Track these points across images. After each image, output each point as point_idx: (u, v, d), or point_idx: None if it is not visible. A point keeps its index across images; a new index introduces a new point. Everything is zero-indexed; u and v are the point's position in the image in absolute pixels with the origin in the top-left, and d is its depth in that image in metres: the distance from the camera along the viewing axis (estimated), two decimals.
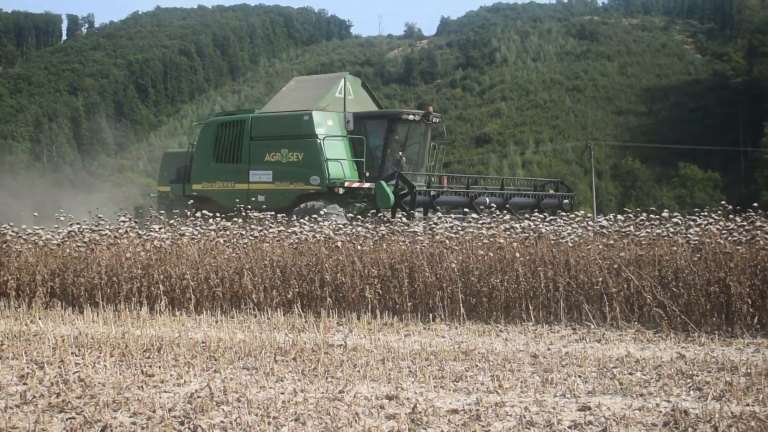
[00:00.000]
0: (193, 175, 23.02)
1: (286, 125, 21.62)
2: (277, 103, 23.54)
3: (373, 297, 11.26)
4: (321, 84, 23.78)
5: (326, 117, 21.32)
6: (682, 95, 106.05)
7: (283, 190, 21.04)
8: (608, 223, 11.67)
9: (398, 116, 21.87)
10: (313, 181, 20.54)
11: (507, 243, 11.28)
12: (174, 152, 27.56)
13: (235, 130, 22.39)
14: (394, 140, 21.70)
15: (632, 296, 10.43)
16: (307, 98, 22.33)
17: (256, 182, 21.59)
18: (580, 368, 7.59)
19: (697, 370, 7.45)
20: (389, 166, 21.19)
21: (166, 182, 24.24)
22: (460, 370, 7.53)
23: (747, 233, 10.66)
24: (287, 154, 21.13)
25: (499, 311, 10.83)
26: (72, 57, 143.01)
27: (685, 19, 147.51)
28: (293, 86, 24.58)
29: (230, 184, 22.08)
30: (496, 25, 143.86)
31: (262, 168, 21.54)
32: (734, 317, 9.83)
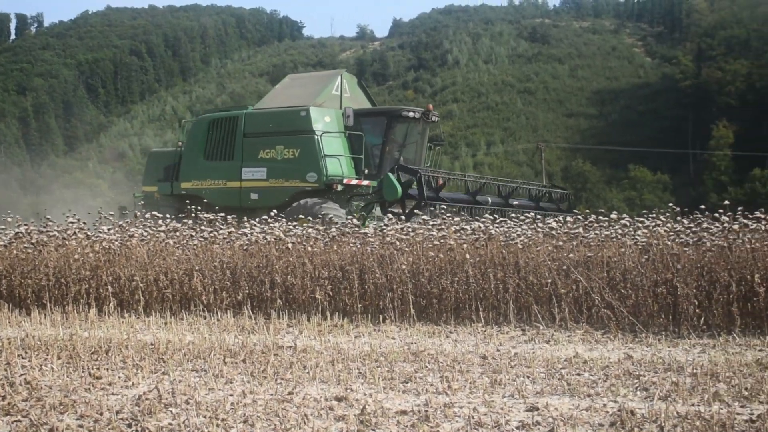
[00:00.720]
0: (182, 174, 22.55)
1: (281, 121, 21.22)
2: (271, 100, 23.09)
3: (324, 298, 11.25)
4: (317, 81, 23.41)
5: (323, 113, 20.99)
6: (631, 98, 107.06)
7: (278, 187, 20.64)
8: (557, 225, 11.73)
9: (398, 113, 21.52)
10: (310, 178, 20.15)
11: (457, 244, 11.32)
12: (160, 151, 26.97)
13: (227, 127, 21.96)
14: (393, 138, 21.47)
15: (581, 297, 10.50)
16: (302, 95, 21.95)
17: (249, 180, 21.16)
18: (528, 369, 7.63)
19: (644, 371, 7.51)
20: (387, 164, 20.90)
21: (152, 182, 23.61)
22: (409, 371, 7.54)
23: (694, 235, 10.77)
24: (283, 150, 20.76)
25: (449, 312, 10.86)
26: (21, 57, 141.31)
27: (635, 23, 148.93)
28: (288, 83, 24.19)
29: (221, 182, 21.64)
30: (448, 27, 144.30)
31: (256, 165, 21.11)
32: (681, 318, 9.92)
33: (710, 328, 9.86)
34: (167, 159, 23.53)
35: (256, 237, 12.32)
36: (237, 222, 13.62)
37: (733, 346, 9.04)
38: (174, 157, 23.13)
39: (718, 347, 8.93)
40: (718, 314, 9.90)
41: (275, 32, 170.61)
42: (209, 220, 13.70)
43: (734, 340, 9.37)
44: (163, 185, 22.98)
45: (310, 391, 6.73)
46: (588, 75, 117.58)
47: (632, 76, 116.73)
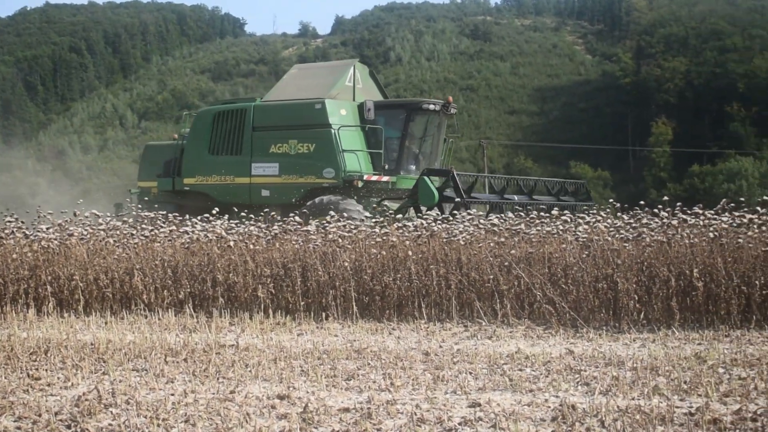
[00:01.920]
0: (185, 169, 21.30)
1: (295, 114, 20.20)
2: (280, 92, 21.77)
3: (266, 296, 11.21)
4: (329, 72, 22.47)
5: (339, 106, 20.00)
6: (572, 95, 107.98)
7: (292, 184, 19.59)
8: (499, 221, 11.78)
9: (418, 106, 20.61)
10: (327, 174, 19.21)
11: (400, 241, 11.34)
12: (157, 145, 25.20)
13: (234, 120, 20.79)
14: (412, 131, 20.60)
15: (523, 293, 10.56)
16: (314, 86, 20.89)
17: (260, 176, 20.09)
18: (471, 365, 7.65)
19: (585, 366, 7.57)
20: (406, 159, 20.33)
21: (149, 177, 22.50)
22: (352, 368, 7.53)
23: (634, 231, 10.89)
24: (296, 145, 19.68)
25: (391, 309, 10.87)
26: None
27: (575, 21, 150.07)
28: (296, 74, 23.04)
29: (229, 177, 20.44)
30: (391, 24, 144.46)
31: (267, 160, 20.03)
32: (621, 313, 10.02)
33: (650, 322, 9.96)
34: (166, 153, 22.36)
35: (198, 235, 12.23)
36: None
37: (673, 340, 9.14)
38: (175, 151, 21.97)
39: (658, 341, 9.02)
40: (658, 309, 10.01)
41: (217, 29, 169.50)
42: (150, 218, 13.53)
43: (674, 334, 9.47)
44: (164, 181, 21.77)
45: (252, 389, 6.70)
46: (529, 72, 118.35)
47: (573, 74, 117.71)
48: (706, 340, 9.05)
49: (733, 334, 9.34)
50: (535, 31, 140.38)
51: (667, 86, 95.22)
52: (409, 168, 20.40)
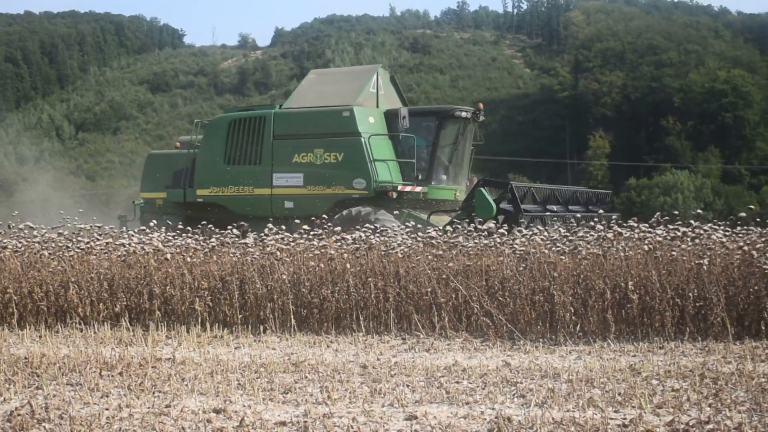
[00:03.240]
0: (198, 179, 20.25)
1: (320, 122, 19.24)
2: (300, 99, 20.62)
3: (203, 309, 11.13)
4: (351, 78, 21.50)
5: (367, 113, 19.24)
6: (511, 108, 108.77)
7: (318, 195, 18.77)
8: (437, 234, 11.82)
9: (450, 113, 19.78)
10: (357, 184, 18.45)
11: (338, 254, 11.33)
12: (161, 154, 23.90)
13: (252, 128, 19.80)
14: (444, 140, 19.85)
15: (460, 306, 10.59)
16: (339, 93, 20.00)
17: (282, 186, 19.19)
18: (408, 378, 7.67)
19: (522, 378, 7.62)
20: (438, 168, 19.63)
21: (153, 188, 21.40)
22: (289, 381, 7.51)
23: (570, 243, 10.98)
24: (322, 154, 18.82)
25: (329, 322, 10.85)
26: None
27: (514, 35, 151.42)
28: (315, 80, 21.82)
29: (248, 189, 19.50)
30: (331, 36, 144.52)
31: (290, 170, 19.12)
32: (558, 325, 10.09)
33: (586, 334, 10.05)
34: (174, 162, 21.20)
35: (134, 248, 12.11)
36: None
37: (608, 352, 9.22)
38: (185, 161, 20.79)
39: (594, 353, 9.10)
40: (594, 321, 10.10)
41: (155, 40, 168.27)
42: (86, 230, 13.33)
43: (609, 346, 9.56)
44: (174, 192, 20.71)
45: (188, 403, 6.66)
46: (469, 85, 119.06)
47: (512, 87, 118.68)
48: (640, 352, 9.14)
49: (667, 346, 9.45)
50: (474, 45, 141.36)
51: (605, 100, 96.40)
52: (440, 178, 19.85)
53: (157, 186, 21.26)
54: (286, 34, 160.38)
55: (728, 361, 8.45)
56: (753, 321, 10.00)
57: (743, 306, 10.08)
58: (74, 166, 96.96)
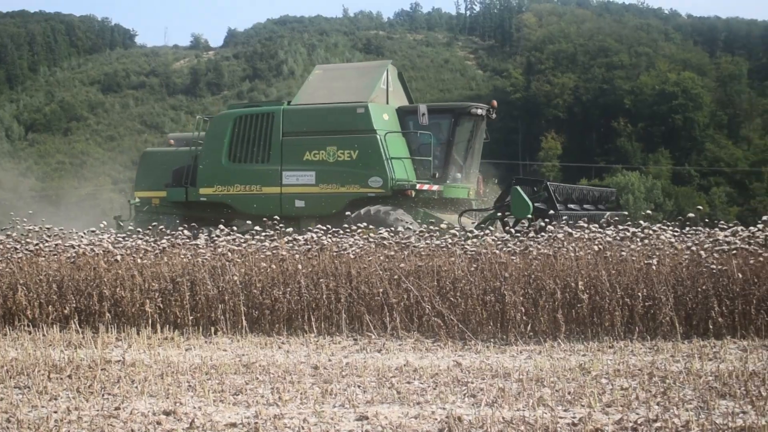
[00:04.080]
0: (201, 178, 19.59)
1: (333, 119, 18.76)
2: (309, 96, 19.98)
3: (154, 311, 11.05)
4: (361, 74, 21.04)
5: (381, 110, 18.84)
6: None
7: (331, 194, 18.34)
8: (389, 235, 11.83)
9: (466, 110, 19.45)
10: (373, 183, 18.04)
11: (289, 255, 11.30)
12: (157, 151, 22.89)
13: (260, 125, 19.22)
14: (460, 137, 19.51)
15: (412, 306, 10.60)
16: (349, 89, 19.56)
17: (293, 185, 18.66)
18: (360, 378, 7.67)
19: (473, 378, 7.64)
20: (453, 166, 19.31)
21: (149, 186, 20.67)
22: (240, 383, 7.49)
23: (521, 244, 11.03)
24: (335, 152, 18.35)
25: (281, 323, 10.82)
26: None
27: (467, 36, 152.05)
28: (321, 76, 21.24)
29: (255, 187, 18.95)
30: (283, 37, 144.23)
31: (301, 168, 18.62)
32: (509, 325, 10.13)
33: (537, 334, 10.10)
34: (173, 160, 20.53)
35: (84, 249, 12.00)
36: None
37: (558, 351, 9.28)
38: (185, 159, 20.16)
39: (544, 353, 9.15)
40: (544, 321, 10.15)
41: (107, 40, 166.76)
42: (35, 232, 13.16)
43: (559, 345, 9.62)
44: (174, 191, 19.96)
45: (137, 405, 6.62)
46: (422, 87, 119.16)
47: (464, 89, 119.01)
48: (590, 352, 9.21)
49: (616, 345, 9.52)
50: (427, 46, 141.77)
51: (557, 101, 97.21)
52: (455, 176, 19.54)
53: (153, 184, 20.59)
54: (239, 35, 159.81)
55: (676, 359, 8.54)
56: (701, 320, 10.10)
57: (691, 305, 10.19)
58: (24, 168, 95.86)
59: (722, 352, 8.93)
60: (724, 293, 10.12)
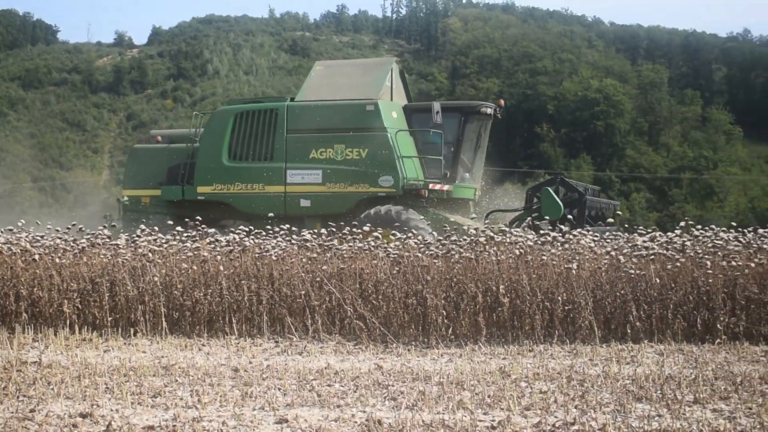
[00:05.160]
0: (199, 176, 18.96)
1: (341, 116, 18.30)
2: (313, 92, 19.43)
3: (72, 312, 10.90)
4: (366, 70, 20.54)
5: (390, 107, 18.43)
6: None
7: (339, 193, 17.91)
8: (312, 237, 11.80)
9: (476, 109, 19.20)
10: (384, 182, 17.67)
11: (211, 256, 11.22)
12: (148, 148, 21.48)
13: (262, 122, 18.71)
14: (468, 137, 19.18)
15: (334, 309, 10.60)
16: (355, 86, 19.09)
17: (298, 183, 18.17)
18: (280, 381, 7.64)
19: (393, 381, 7.66)
20: (461, 166, 18.96)
21: (139, 184, 20.01)
22: (159, 385, 7.41)
23: (443, 247, 11.08)
24: (344, 150, 17.94)
25: (202, 325, 10.74)
26: None
27: (393, 39, 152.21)
28: (324, 72, 20.61)
29: (257, 186, 18.41)
30: (209, 36, 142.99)
31: (307, 167, 18.12)
32: (430, 328, 10.17)
33: (458, 337, 10.16)
34: (167, 157, 19.86)
35: (1, 248, 11.78)
36: None
37: (479, 355, 9.34)
38: (181, 156, 19.54)
39: (465, 356, 9.21)
40: (466, 324, 10.22)
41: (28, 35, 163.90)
42: None
43: (480, 349, 9.69)
44: (170, 189, 19.31)
45: (53, 408, 6.52)
46: None
47: None
48: (510, 355, 9.29)
49: (536, 349, 9.62)
50: (353, 48, 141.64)
51: None
52: (463, 176, 19.24)
53: (143, 182, 19.99)
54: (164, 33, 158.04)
55: (595, 363, 8.64)
56: (619, 324, 10.25)
57: (610, 310, 10.33)
58: None
59: (639, 356, 9.07)
60: (642, 298, 10.28)
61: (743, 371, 8.03)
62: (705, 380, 7.56)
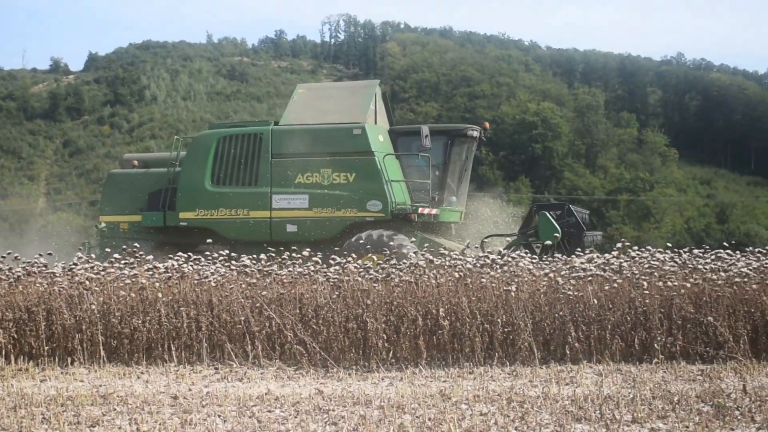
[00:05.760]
0: (181, 201, 18.53)
1: (327, 140, 17.96)
2: (297, 115, 19.12)
3: (7, 342, 10.72)
4: (350, 93, 20.42)
5: (376, 131, 18.23)
6: None
7: (326, 218, 17.61)
8: (251, 263, 11.75)
9: (462, 132, 19.01)
10: (372, 207, 17.41)
11: (149, 283, 11.12)
12: (124, 173, 20.80)
13: (245, 146, 18.36)
14: (455, 159, 19.00)
15: (274, 334, 10.55)
16: (340, 109, 18.81)
17: (284, 209, 17.83)
18: (220, 408, 7.59)
19: (334, 405, 7.64)
20: (447, 189, 18.80)
21: (116, 210, 19.46)
22: (97, 414, 7.33)
23: (383, 271, 11.10)
24: (330, 174, 17.68)
25: (140, 353, 10.63)
26: None
27: (331, 64, 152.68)
28: (307, 96, 20.38)
29: (242, 211, 18.05)
30: (146, 62, 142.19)
31: (293, 192, 17.83)
32: (371, 352, 10.17)
33: (398, 361, 10.16)
34: (146, 183, 19.41)
35: None
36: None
37: (420, 378, 9.35)
38: (160, 181, 19.10)
39: (406, 380, 9.21)
40: (406, 347, 10.22)
41: None
42: None
43: (421, 372, 9.70)
44: (151, 215, 18.86)
45: None
46: None
47: None
48: (451, 378, 9.31)
49: (476, 371, 9.65)
50: (292, 73, 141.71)
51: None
52: (450, 199, 19.06)
53: (121, 208, 19.46)
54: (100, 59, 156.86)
55: (534, 384, 8.69)
56: (558, 345, 10.32)
57: (549, 331, 10.40)
58: None
59: (578, 377, 9.14)
60: (581, 319, 10.37)
61: (680, 390, 8.12)
62: (643, 400, 7.64)
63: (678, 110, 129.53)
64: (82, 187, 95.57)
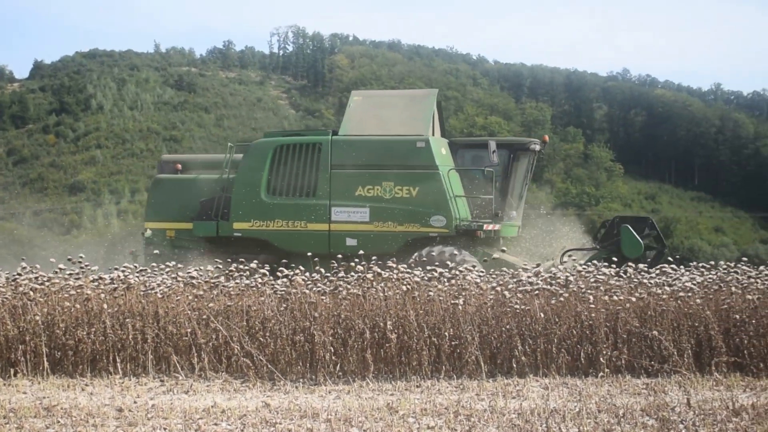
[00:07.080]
0: (235, 211, 17.82)
1: (389, 152, 17.38)
2: (357, 125, 18.31)
3: None
4: (409, 102, 19.37)
5: (439, 144, 17.67)
6: None
7: (387, 232, 17.02)
8: (198, 274, 11.68)
9: (525, 146, 18.49)
10: (436, 222, 16.88)
11: (95, 294, 11.01)
12: (171, 179, 19.63)
13: (304, 156, 17.73)
14: (517, 173, 18.40)
15: (221, 346, 10.50)
16: (400, 120, 18.10)
17: (343, 221, 17.25)
18: (165, 420, 7.54)
19: (281, 418, 7.62)
20: (510, 204, 18.17)
21: (162, 217, 18.69)
22: (40, 427, 7.26)
23: (330, 284, 11.09)
24: (392, 188, 17.10)
25: (85, 364, 10.51)
26: None
27: (280, 75, 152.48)
28: (364, 104, 19.29)
29: (299, 223, 17.41)
30: (93, 71, 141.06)
31: (354, 204, 17.25)
32: (318, 365, 10.15)
33: (346, 374, 10.15)
34: (195, 189, 18.64)
35: None
36: None
37: (367, 391, 9.35)
38: (212, 188, 18.36)
39: (353, 393, 9.21)
40: (353, 360, 10.22)
41: None
42: None
43: (368, 385, 9.70)
44: (203, 225, 18.05)
45: None
46: (234, 125, 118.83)
47: (277, 127, 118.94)
48: (398, 391, 9.32)
49: (423, 384, 9.67)
50: (240, 84, 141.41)
51: None
52: (510, 214, 18.35)
53: (167, 215, 18.65)
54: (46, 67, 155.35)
55: (481, 398, 8.73)
56: (505, 359, 10.37)
57: (496, 344, 10.45)
58: None
59: (525, 390, 9.19)
60: (527, 332, 10.44)
61: (626, 404, 8.20)
62: (589, 413, 7.70)
63: (623, 125, 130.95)
64: (26, 197, 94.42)
